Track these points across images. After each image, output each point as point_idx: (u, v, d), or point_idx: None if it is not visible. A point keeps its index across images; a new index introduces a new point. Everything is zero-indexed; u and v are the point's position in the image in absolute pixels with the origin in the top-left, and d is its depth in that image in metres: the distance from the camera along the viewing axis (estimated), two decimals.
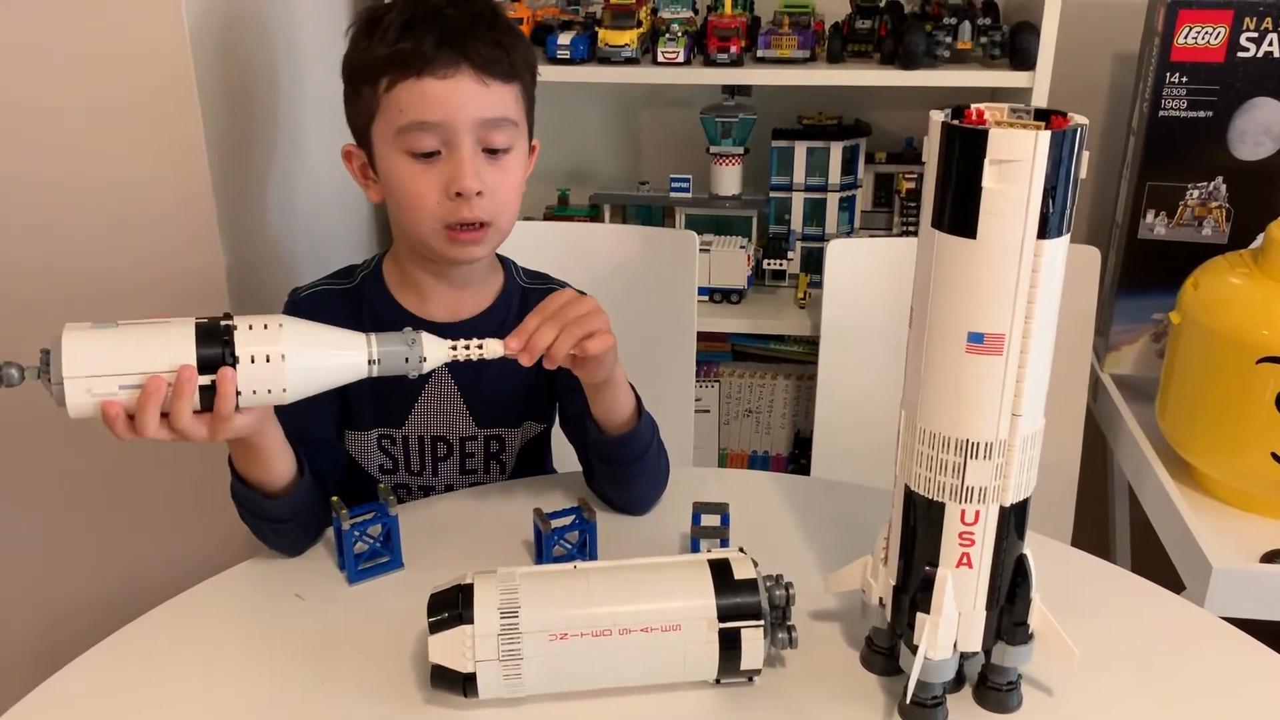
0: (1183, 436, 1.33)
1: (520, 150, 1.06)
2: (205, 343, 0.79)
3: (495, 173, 1.03)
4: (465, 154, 1.00)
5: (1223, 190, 1.45)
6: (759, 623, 0.79)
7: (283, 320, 0.81)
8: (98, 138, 1.19)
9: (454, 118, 0.99)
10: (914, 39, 1.44)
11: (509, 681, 0.78)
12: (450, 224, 1.02)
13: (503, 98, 1.02)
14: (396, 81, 1.00)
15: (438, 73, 0.99)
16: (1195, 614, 0.92)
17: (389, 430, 1.13)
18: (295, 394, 0.82)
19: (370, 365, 0.83)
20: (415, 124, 1.00)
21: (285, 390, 0.81)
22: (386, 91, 1.01)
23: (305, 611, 0.92)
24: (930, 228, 0.68)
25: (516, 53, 1.04)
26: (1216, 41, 1.38)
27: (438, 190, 1.01)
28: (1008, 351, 0.68)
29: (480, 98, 1.00)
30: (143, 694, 0.83)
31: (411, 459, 1.15)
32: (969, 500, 0.72)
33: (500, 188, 1.03)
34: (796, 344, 1.76)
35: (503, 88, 1.02)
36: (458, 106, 0.99)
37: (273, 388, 0.80)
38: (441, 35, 0.99)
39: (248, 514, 0.97)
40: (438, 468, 1.15)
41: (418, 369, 0.84)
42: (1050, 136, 0.63)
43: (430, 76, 0.99)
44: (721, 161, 1.69)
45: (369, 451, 1.14)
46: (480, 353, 0.87)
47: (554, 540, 0.94)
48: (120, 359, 0.77)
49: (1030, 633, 0.78)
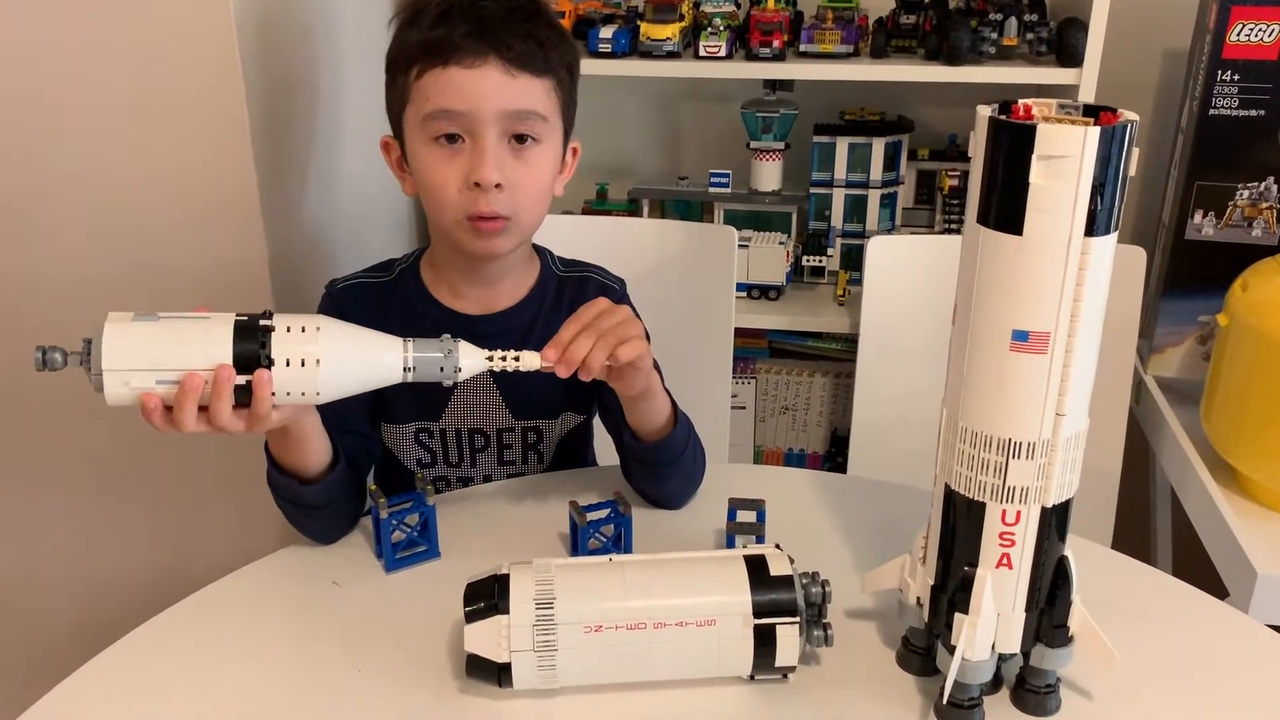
0: (1228, 440, 1.31)
1: (549, 147, 1.05)
2: (242, 343, 0.80)
3: (519, 167, 1.02)
4: (487, 145, 1.00)
5: (1274, 191, 1.42)
6: (794, 619, 0.78)
7: (320, 323, 0.82)
8: (145, 130, 1.21)
9: (478, 107, 0.99)
10: (959, 34, 1.42)
11: (543, 672, 0.78)
12: (471, 214, 1.02)
13: (531, 91, 1.01)
14: (425, 70, 1.00)
15: (464, 61, 0.99)
16: (1240, 621, 0.91)
17: (426, 424, 1.14)
18: (329, 397, 0.83)
19: (406, 372, 0.84)
20: (440, 111, 1.00)
21: (319, 394, 0.82)
22: (416, 79, 1.01)
23: (342, 599, 0.93)
24: (976, 224, 0.67)
25: (553, 48, 1.03)
26: (1270, 39, 1.36)
27: (459, 179, 1.01)
28: (1052, 350, 0.67)
29: (506, 89, 1.00)
30: (182, 678, 0.84)
31: (450, 451, 1.15)
32: (1010, 500, 0.71)
33: (522, 182, 1.02)
34: (835, 341, 1.75)
35: (532, 81, 1.01)
36: (482, 96, 0.99)
37: (306, 390, 0.81)
38: (473, 25, 0.99)
39: (283, 500, 0.98)
40: (476, 459, 1.16)
41: (452, 378, 0.85)
42: (1100, 132, 0.62)
43: (456, 65, 0.99)
44: (762, 157, 1.69)
45: (406, 445, 1.15)
46: (517, 365, 0.87)
47: (589, 533, 0.95)
48: (158, 354, 0.79)
49: (1070, 635, 0.77)
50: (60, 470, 1.37)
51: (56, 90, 1.19)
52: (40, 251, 1.26)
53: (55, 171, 1.23)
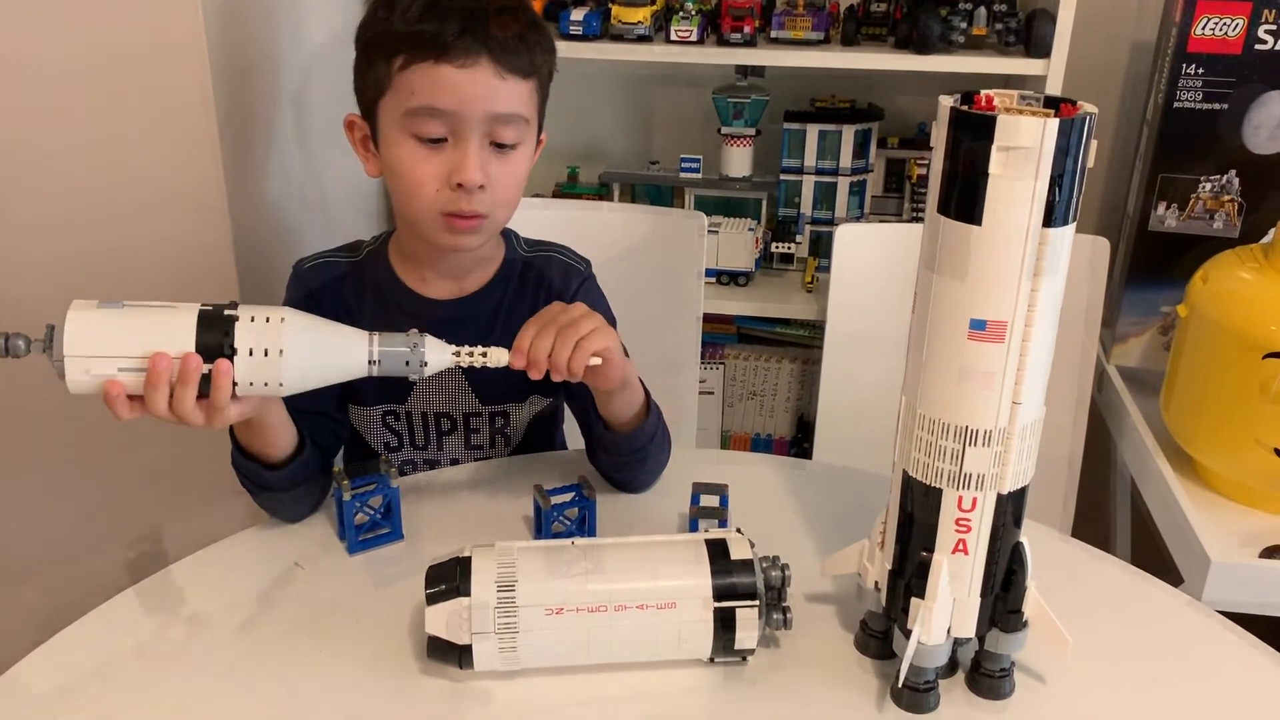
0: (1186, 430, 1.33)
1: (528, 146, 1.05)
2: (206, 332, 0.79)
3: (500, 167, 1.01)
4: (472, 146, 0.99)
5: (1235, 184, 1.44)
6: (754, 603, 0.79)
7: (285, 314, 0.81)
8: (110, 115, 1.20)
9: (466, 108, 0.98)
10: (929, 24, 1.43)
11: (504, 654, 0.78)
12: (449, 212, 1.01)
13: (518, 93, 1.01)
14: (413, 62, 0.98)
15: (456, 60, 0.97)
16: (1190, 607, 0.92)
17: (393, 406, 1.14)
18: (292, 389, 0.82)
19: (371, 365, 0.84)
20: (425, 108, 0.98)
21: (282, 385, 0.81)
22: (401, 70, 0.98)
23: (304, 580, 0.93)
24: (936, 213, 0.68)
25: (539, 49, 1.03)
26: (1234, 33, 1.37)
27: (439, 178, 1.00)
28: (1009, 339, 0.68)
29: (496, 91, 0.99)
30: (140, 660, 0.84)
31: (416, 434, 1.15)
32: (966, 487, 0.72)
33: (503, 182, 1.02)
34: (802, 328, 1.76)
35: (520, 84, 1.00)
36: (472, 97, 0.98)
37: (269, 381, 0.81)
38: (465, 21, 0.97)
39: (247, 482, 0.97)
40: (442, 443, 1.16)
41: (418, 373, 0.84)
42: (1059, 124, 0.63)
43: (448, 63, 0.97)
44: (732, 142, 1.69)
45: (374, 427, 1.15)
46: (484, 361, 0.87)
47: (553, 516, 0.95)
48: (122, 342, 0.78)
49: (1024, 621, 0.78)
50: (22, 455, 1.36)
51: (18, 75, 1.18)
52: (3, 237, 1.24)
53: (18, 157, 1.21)
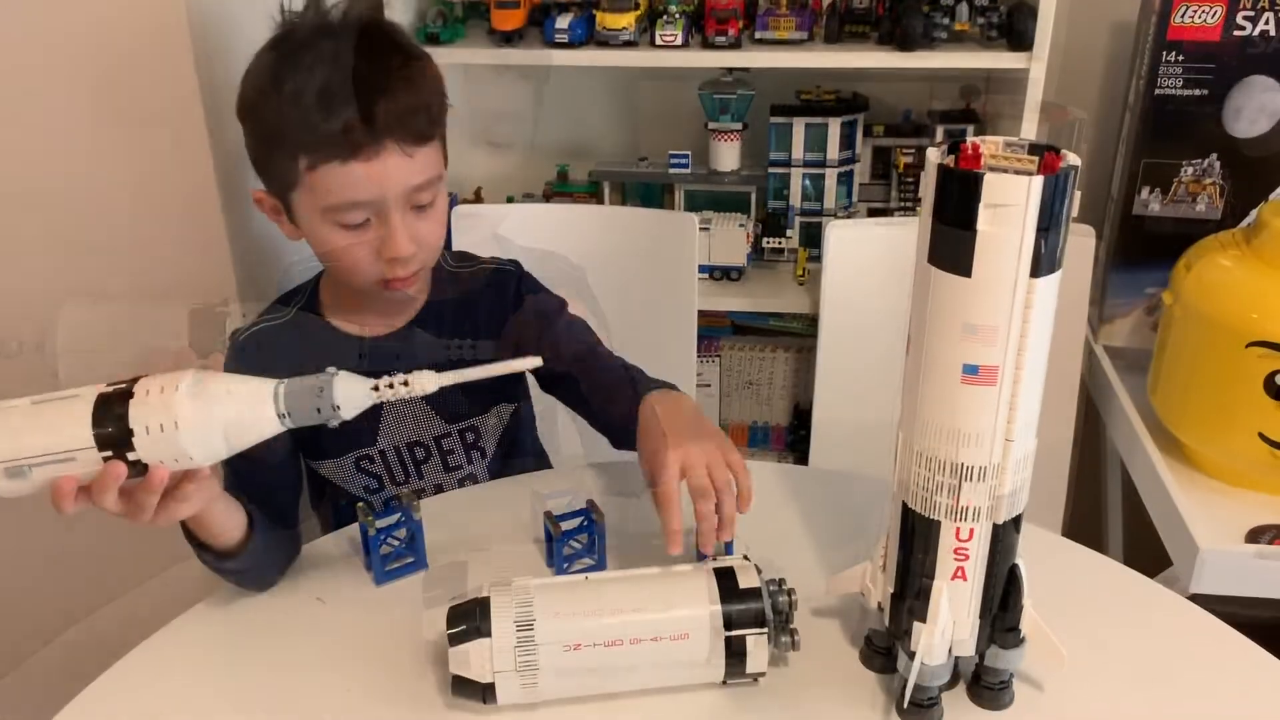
0: (1173, 415, 1.36)
1: (444, 190, 1.06)
2: (102, 417, 0.76)
3: (424, 225, 1.03)
4: (396, 223, 1.00)
5: (1217, 167, 1.46)
6: (763, 630, 0.82)
7: (180, 381, 0.76)
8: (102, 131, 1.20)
9: (383, 195, 0.98)
10: (912, 20, 1.44)
11: (526, 689, 0.82)
12: (385, 278, 1.03)
13: (428, 159, 1.01)
14: (319, 163, 0.97)
15: (363, 156, 0.96)
16: (1184, 608, 0.95)
17: (364, 450, 1.15)
18: (205, 458, 0.78)
19: (282, 419, 0.78)
20: (346, 205, 0.99)
21: (191, 458, 0.77)
22: (309, 170, 0.97)
23: (327, 615, 0.96)
24: (926, 264, 0.70)
25: (433, 98, 1.03)
26: (1213, 20, 1.39)
27: (370, 254, 1.01)
28: (1001, 382, 0.71)
29: (407, 170, 0.99)
30: (169, 702, 0.87)
31: (395, 471, 1.16)
32: (963, 519, 0.75)
33: (429, 237, 1.04)
34: (796, 320, 1.78)
35: (427, 150, 1.01)
36: (387, 184, 0.98)
37: (178, 456, 0.77)
38: (363, 113, 0.95)
39: (207, 565, 0.96)
40: (421, 471, 1.18)
41: (334, 417, 0.79)
42: (1043, 182, 0.65)
43: (356, 161, 0.96)
44: (720, 137, 1.70)
45: (349, 477, 1.16)
46: (408, 391, 0.80)
47: (564, 542, 0.98)
48: (21, 442, 0.76)
49: (1022, 637, 0.81)
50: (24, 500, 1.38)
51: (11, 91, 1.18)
52: None
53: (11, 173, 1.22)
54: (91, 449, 0.76)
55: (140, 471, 0.77)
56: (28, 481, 0.76)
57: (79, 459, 0.76)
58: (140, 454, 0.76)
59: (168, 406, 0.75)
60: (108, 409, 0.76)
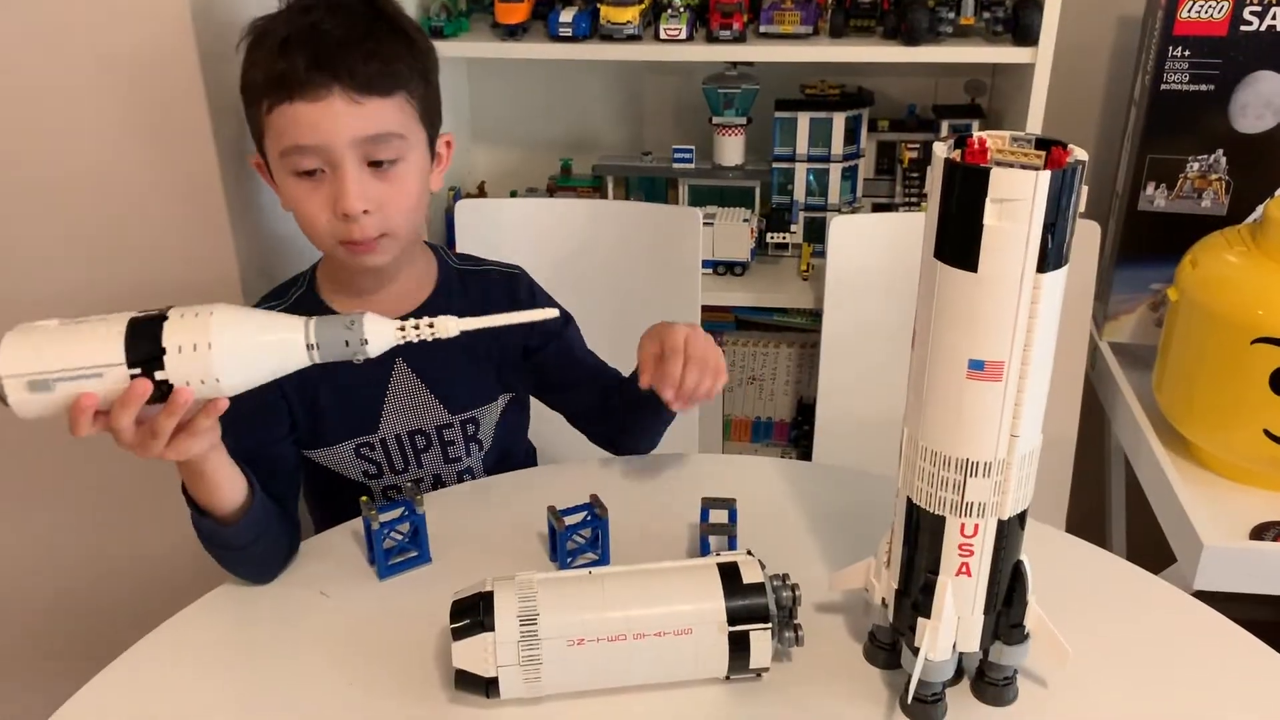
0: (1178, 411, 1.36)
1: (414, 159, 1.05)
2: (135, 335, 0.78)
3: (383, 187, 1.02)
4: (347, 174, 0.99)
5: (1223, 163, 1.46)
6: (767, 625, 0.82)
7: (215, 308, 0.79)
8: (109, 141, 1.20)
9: (329, 141, 0.98)
10: (917, 15, 1.44)
11: (529, 683, 0.81)
12: (342, 239, 1.03)
13: (381, 113, 1.00)
14: (274, 106, 0.99)
15: (309, 96, 0.97)
16: (1189, 605, 0.95)
17: (365, 438, 1.15)
18: (232, 383, 0.80)
19: (310, 351, 0.80)
20: (293, 148, 0.99)
21: (219, 380, 0.79)
22: (267, 114, 1.00)
23: (330, 609, 0.96)
24: (933, 259, 0.70)
25: (400, 62, 1.02)
26: (1220, 15, 1.38)
27: (326, 209, 1.01)
28: (1007, 377, 0.70)
29: (355, 117, 0.99)
30: (172, 696, 0.87)
31: (394, 459, 1.17)
32: (968, 514, 0.75)
33: (390, 201, 1.02)
34: (799, 315, 1.78)
35: (381, 102, 1.00)
36: (331, 129, 0.98)
37: (205, 377, 0.78)
38: (313, 56, 0.97)
39: (210, 545, 0.97)
40: (421, 460, 1.18)
41: (361, 353, 0.80)
42: (1050, 176, 0.65)
43: (302, 100, 0.98)
44: (724, 132, 1.70)
45: (348, 463, 1.16)
46: (432, 332, 0.81)
47: (567, 537, 0.98)
48: (56, 356, 0.77)
49: (1026, 634, 0.81)
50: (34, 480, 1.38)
51: (18, 100, 1.18)
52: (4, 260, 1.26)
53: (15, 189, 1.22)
54: (120, 366, 0.78)
55: (161, 397, 0.79)
56: (50, 396, 0.78)
57: (106, 375, 0.78)
58: (169, 373, 0.78)
59: (204, 328, 0.78)
60: (139, 329, 0.78)
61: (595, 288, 1.53)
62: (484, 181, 1.87)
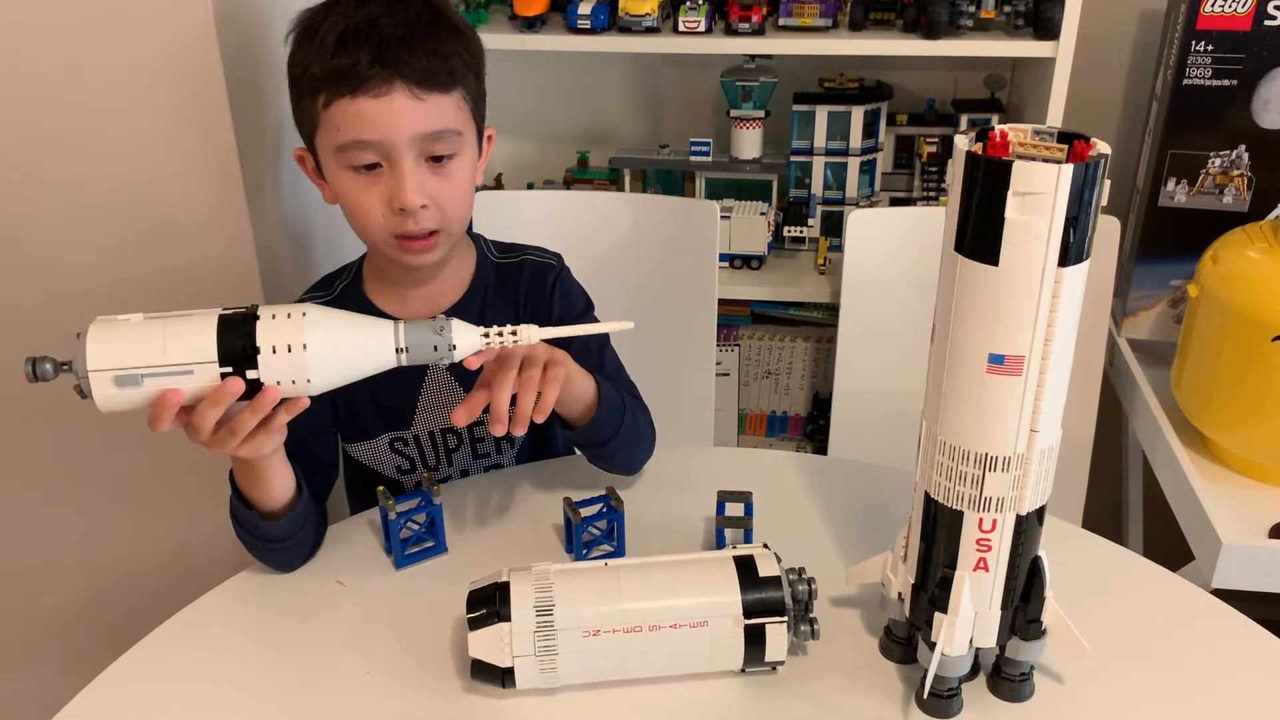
0: (1197, 408, 1.35)
1: (468, 155, 1.05)
2: (227, 334, 0.79)
3: (439, 182, 1.02)
4: (406, 170, 0.99)
5: (1245, 159, 1.45)
6: (783, 619, 0.82)
7: (306, 309, 0.81)
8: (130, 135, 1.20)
9: (391, 136, 0.98)
10: (937, 8, 1.43)
11: (545, 674, 0.82)
12: (398, 234, 1.03)
13: (442, 109, 1.01)
14: (332, 100, 0.99)
15: (371, 91, 0.97)
16: (1207, 603, 0.95)
17: (399, 433, 1.16)
18: (321, 384, 0.82)
19: (399, 354, 0.82)
20: (353, 142, 0.99)
21: (310, 380, 0.81)
22: (324, 109, 1.00)
23: (347, 598, 0.96)
24: (954, 252, 0.70)
25: (457, 58, 1.02)
26: (1243, 10, 1.37)
27: (382, 204, 1.01)
28: (1027, 372, 0.70)
29: (417, 113, 0.99)
30: (189, 683, 0.87)
31: (426, 455, 1.17)
32: (987, 510, 0.75)
33: (446, 196, 1.03)
34: (816, 309, 1.78)
35: (441, 99, 1.00)
36: (394, 125, 0.98)
37: (296, 378, 0.80)
38: (375, 51, 0.97)
39: (244, 532, 0.98)
40: (451, 458, 1.18)
41: (448, 357, 0.83)
42: (1072, 170, 0.65)
43: (364, 96, 0.97)
44: (742, 125, 1.70)
45: (382, 457, 1.17)
46: (515, 339, 0.84)
47: (583, 528, 0.98)
48: (145, 352, 0.78)
49: (1043, 629, 0.81)
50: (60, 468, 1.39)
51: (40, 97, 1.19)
52: (27, 257, 1.26)
53: (40, 178, 1.22)
54: (213, 364, 0.79)
55: (248, 395, 0.80)
56: (137, 391, 0.79)
57: (197, 373, 0.79)
58: (261, 373, 0.79)
59: (297, 329, 0.79)
60: (232, 328, 0.79)
61: (612, 281, 1.52)
62: (501, 174, 1.87)
